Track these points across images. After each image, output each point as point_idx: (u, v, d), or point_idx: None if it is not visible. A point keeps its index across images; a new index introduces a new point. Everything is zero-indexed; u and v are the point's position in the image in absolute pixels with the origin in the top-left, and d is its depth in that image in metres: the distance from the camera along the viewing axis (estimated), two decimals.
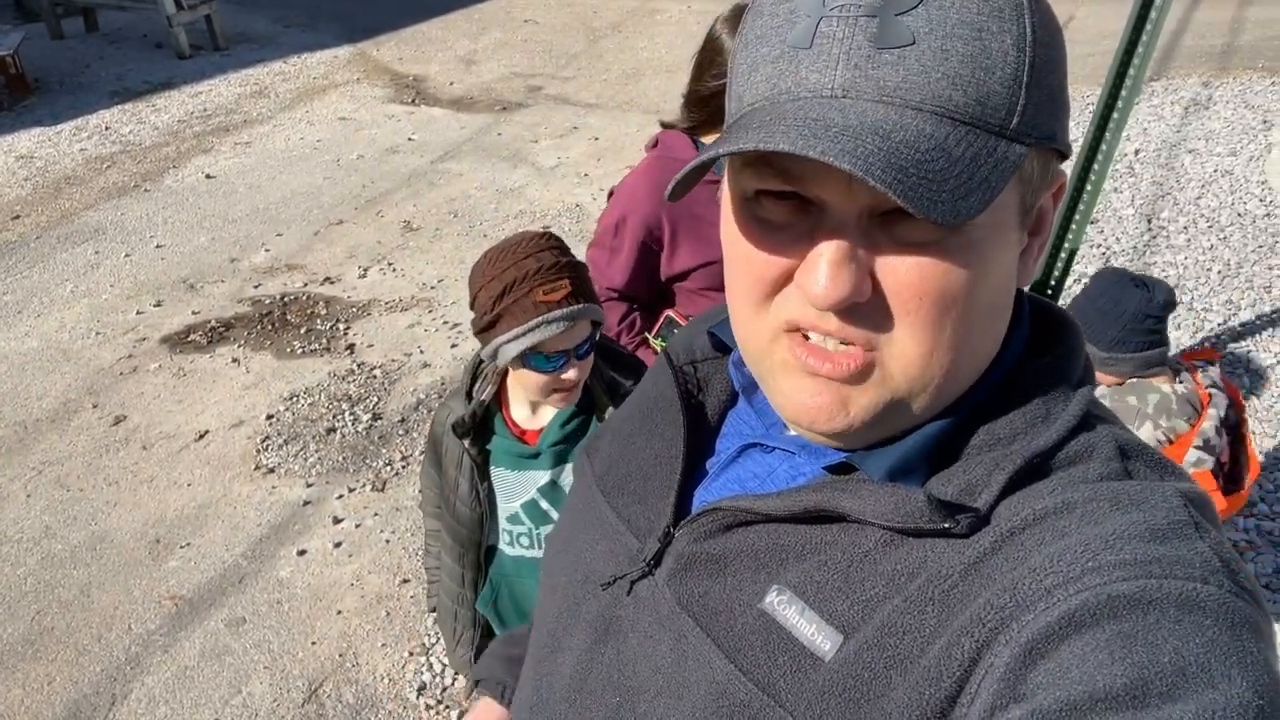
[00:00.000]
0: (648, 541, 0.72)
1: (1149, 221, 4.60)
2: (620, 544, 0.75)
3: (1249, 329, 3.77)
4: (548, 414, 1.58)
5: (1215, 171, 4.98)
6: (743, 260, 0.60)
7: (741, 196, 0.59)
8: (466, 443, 1.58)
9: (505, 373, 1.59)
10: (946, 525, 0.57)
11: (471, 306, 1.49)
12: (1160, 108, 5.81)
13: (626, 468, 0.79)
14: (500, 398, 1.62)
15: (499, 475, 1.62)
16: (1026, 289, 0.68)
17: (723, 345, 0.78)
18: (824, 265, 0.54)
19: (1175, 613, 0.48)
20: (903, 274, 0.54)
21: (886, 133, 0.50)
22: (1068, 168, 2.73)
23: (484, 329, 1.45)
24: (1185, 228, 4.52)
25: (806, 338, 0.59)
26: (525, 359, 1.44)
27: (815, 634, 0.59)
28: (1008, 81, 0.52)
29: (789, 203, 0.56)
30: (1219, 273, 4.15)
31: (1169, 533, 0.52)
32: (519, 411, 1.61)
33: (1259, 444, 3.19)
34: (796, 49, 0.54)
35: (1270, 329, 3.75)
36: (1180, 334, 3.77)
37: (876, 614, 0.57)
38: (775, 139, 0.50)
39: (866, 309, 0.55)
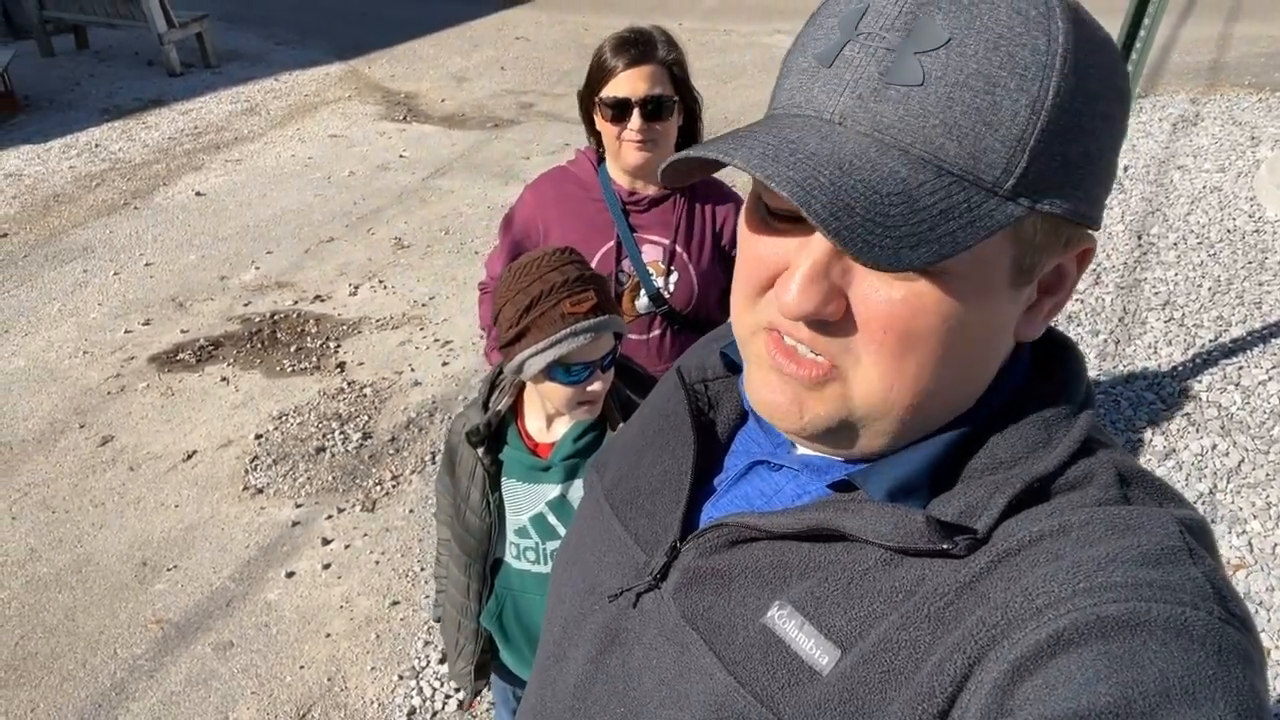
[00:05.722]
0: (655, 555, 0.73)
1: (1139, 238, 4.62)
2: (627, 557, 0.76)
3: (1240, 345, 3.77)
4: (561, 428, 1.58)
5: (1204, 188, 5.01)
6: (744, 255, 0.63)
7: (756, 195, 0.61)
8: (480, 452, 1.58)
9: (523, 384, 1.59)
10: (945, 546, 0.57)
11: (494, 323, 1.49)
12: (1148, 124, 5.85)
13: (636, 483, 0.80)
14: (516, 409, 1.62)
15: (510, 487, 1.61)
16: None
17: (734, 365, 0.79)
18: (797, 278, 0.55)
19: (1163, 635, 0.49)
20: (873, 304, 0.56)
21: (852, 168, 0.51)
22: None
23: (509, 343, 1.45)
24: (1175, 244, 4.53)
25: (783, 337, 0.61)
26: (550, 372, 1.44)
27: (814, 649, 0.60)
28: (1010, 141, 0.51)
29: (793, 210, 0.57)
30: (1209, 289, 4.15)
31: (1162, 558, 0.53)
32: (534, 424, 1.60)
33: (1251, 460, 3.19)
34: (819, 66, 0.55)
35: (1261, 345, 3.76)
36: (1172, 350, 3.78)
37: (874, 630, 0.58)
38: (737, 153, 0.52)
39: (837, 327, 0.57)
